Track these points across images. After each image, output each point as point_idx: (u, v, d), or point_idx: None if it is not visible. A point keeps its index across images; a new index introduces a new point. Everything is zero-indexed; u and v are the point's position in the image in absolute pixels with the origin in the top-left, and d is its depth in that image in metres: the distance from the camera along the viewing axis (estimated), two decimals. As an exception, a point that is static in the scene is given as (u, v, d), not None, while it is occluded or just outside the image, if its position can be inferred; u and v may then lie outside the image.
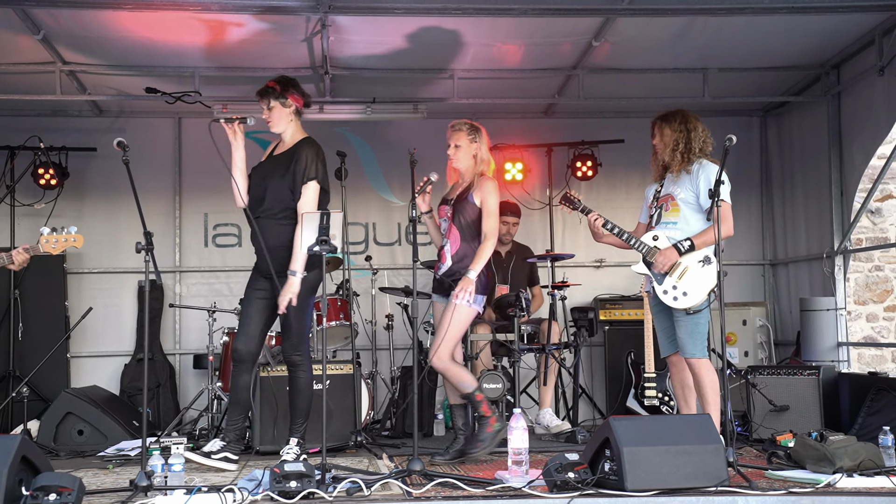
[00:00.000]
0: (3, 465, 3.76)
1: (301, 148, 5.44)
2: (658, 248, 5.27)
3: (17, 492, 3.80)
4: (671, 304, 5.21)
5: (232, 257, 8.23)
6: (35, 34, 6.00)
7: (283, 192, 5.38)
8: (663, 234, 5.30)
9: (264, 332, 5.55)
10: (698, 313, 5.17)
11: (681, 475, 4.18)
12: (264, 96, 5.46)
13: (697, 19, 6.11)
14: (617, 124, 8.19)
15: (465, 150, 5.52)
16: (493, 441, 5.37)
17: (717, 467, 4.23)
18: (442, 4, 5.81)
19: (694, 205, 5.25)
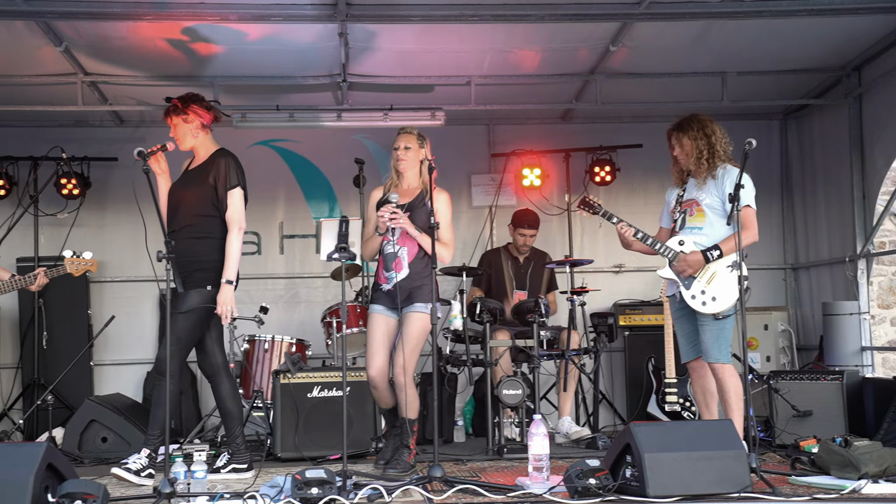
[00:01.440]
0: (29, 473, 3.80)
1: (217, 159, 5.41)
2: (684, 252, 5.26)
3: (43, 499, 3.84)
4: (699, 308, 5.19)
5: (252, 265, 8.26)
6: (57, 45, 6.07)
7: (199, 205, 5.31)
8: (689, 238, 5.28)
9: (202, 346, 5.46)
10: (725, 318, 5.15)
11: (703, 481, 4.16)
12: (167, 115, 5.44)
13: (715, 23, 6.09)
14: (635, 129, 8.17)
15: (413, 153, 5.46)
16: (409, 472, 5.24)
17: (740, 473, 4.22)
18: (459, 11, 5.82)
19: (720, 210, 5.24)
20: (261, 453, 6.30)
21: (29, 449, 4.02)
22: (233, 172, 5.37)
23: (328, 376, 6.16)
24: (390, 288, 5.30)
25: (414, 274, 5.33)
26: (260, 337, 6.99)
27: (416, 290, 5.31)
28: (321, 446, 5.96)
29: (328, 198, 8.32)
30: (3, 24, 5.79)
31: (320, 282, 8.14)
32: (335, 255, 4.96)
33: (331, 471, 4.33)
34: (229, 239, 5.30)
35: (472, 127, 8.32)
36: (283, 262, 8.33)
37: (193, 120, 5.39)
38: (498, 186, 8.29)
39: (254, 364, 6.97)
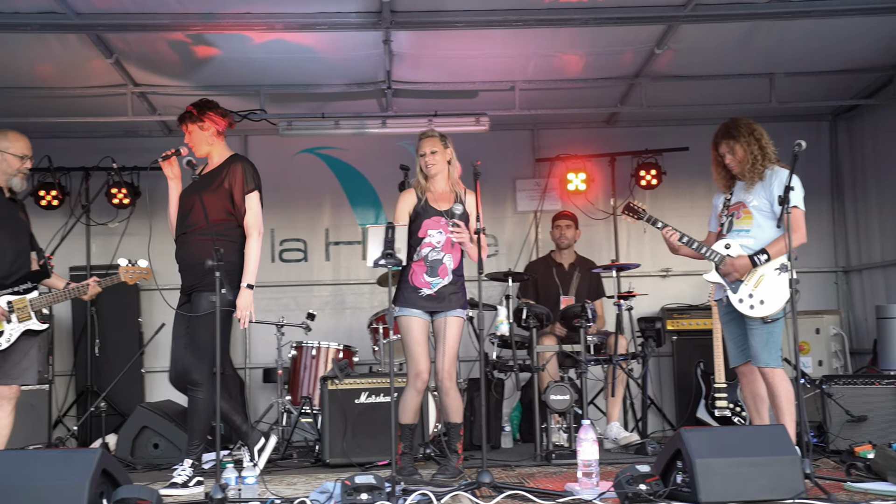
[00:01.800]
0: (84, 478, 3.87)
1: (232, 163, 5.41)
2: (731, 255, 5.19)
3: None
4: (747, 312, 5.11)
5: (298, 272, 8.35)
6: (108, 57, 6.18)
7: (215, 207, 5.29)
8: (735, 242, 5.21)
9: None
10: (774, 322, 5.08)
11: (756, 487, 4.11)
12: (182, 121, 5.45)
13: (763, 23, 6.02)
14: (681, 132, 8.10)
15: (440, 156, 5.42)
16: (457, 477, 5.21)
17: (794, 479, 4.15)
18: (503, 17, 5.82)
19: (768, 212, 5.17)
20: (310, 459, 6.37)
21: (84, 455, 4.09)
22: (249, 176, 5.40)
23: (375, 382, 6.19)
24: (432, 293, 5.30)
25: (455, 280, 5.36)
26: (307, 343, 7.05)
27: (453, 296, 5.33)
28: (369, 452, 5.99)
29: (373, 204, 8.37)
30: (57, 38, 5.91)
31: (366, 288, 8.19)
32: (382, 262, 4.97)
33: (380, 476, 4.34)
34: (249, 244, 5.31)
35: (516, 132, 8.32)
36: (330, 269, 8.39)
37: (209, 127, 5.41)
38: (543, 191, 8.28)
39: (301, 370, 7.03)
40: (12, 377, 5.07)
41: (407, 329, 5.29)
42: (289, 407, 6.91)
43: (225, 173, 5.37)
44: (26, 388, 6.47)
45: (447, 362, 5.28)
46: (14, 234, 5.13)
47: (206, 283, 5.15)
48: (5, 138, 5.11)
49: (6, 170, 5.08)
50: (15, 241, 5.12)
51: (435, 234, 5.32)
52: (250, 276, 5.28)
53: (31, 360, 5.14)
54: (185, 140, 5.42)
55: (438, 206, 5.36)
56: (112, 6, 5.49)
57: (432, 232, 5.32)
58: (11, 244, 5.09)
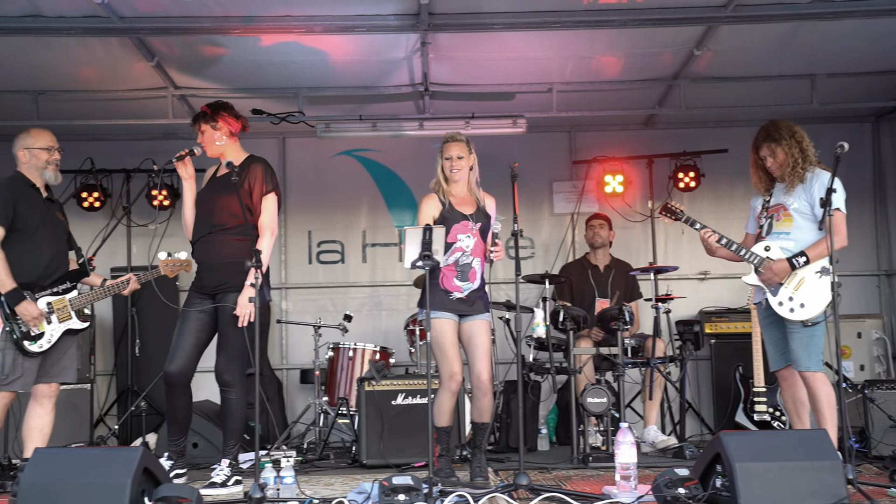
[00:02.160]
0: (126, 476, 3.91)
1: (251, 164, 5.43)
2: (770, 258, 5.13)
3: (139, 502, 3.95)
4: (787, 315, 5.06)
5: (335, 274, 8.40)
6: (149, 61, 6.26)
7: (236, 209, 5.30)
8: (775, 244, 5.16)
9: (200, 352, 5.43)
10: (815, 325, 5.01)
11: (797, 492, 4.05)
12: (196, 121, 5.47)
13: (804, 24, 5.95)
14: (720, 134, 8.05)
15: (465, 161, 5.41)
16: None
17: (836, 484, 4.09)
18: (541, 19, 5.80)
19: (808, 214, 5.11)
20: (346, 459, 6.39)
21: (126, 453, 4.13)
22: (268, 177, 5.42)
23: (412, 384, 6.20)
24: (463, 297, 5.31)
25: (482, 284, 5.40)
26: (344, 345, 7.08)
27: (479, 300, 5.37)
28: (406, 453, 5.99)
29: (410, 206, 8.38)
30: (100, 41, 6.00)
31: (403, 290, 8.21)
32: (419, 263, 4.98)
33: (417, 477, 4.35)
34: (262, 243, 5.31)
35: (553, 134, 8.31)
36: (366, 271, 8.42)
37: (222, 127, 5.43)
38: (580, 193, 8.25)
39: (338, 371, 7.06)
40: (52, 375, 5.15)
41: (441, 332, 5.28)
42: (326, 408, 6.94)
43: (245, 174, 5.39)
44: (68, 387, 6.59)
45: (486, 363, 5.30)
46: (53, 235, 5.21)
47: (236, 284, 5.23)
48: (28, 136, 5.21)
49: (37, 164, 5.18)
50: (53, 242, 5.20)
51: (464, 238, 5.34)
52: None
53: (71, 358, 5.22)
54: (199, 140, 5.44)
55: (464, 210, 5.38)
56: (154, 10, 5.55)
57: (461, 236, 5.33)
58: (50, 245, 5.17)
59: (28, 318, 4.97)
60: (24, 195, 5.11)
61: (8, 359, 4.94)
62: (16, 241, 5.04)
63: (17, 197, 5.06)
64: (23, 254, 5.05)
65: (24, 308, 4.96)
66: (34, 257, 5.09)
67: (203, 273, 5.38)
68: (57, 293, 5.13)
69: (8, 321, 4.94)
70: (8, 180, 5.15)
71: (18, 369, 4.96)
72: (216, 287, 5.31)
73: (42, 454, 4.19)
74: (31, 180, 5.19)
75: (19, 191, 5.11)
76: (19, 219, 5.03)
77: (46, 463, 4.09)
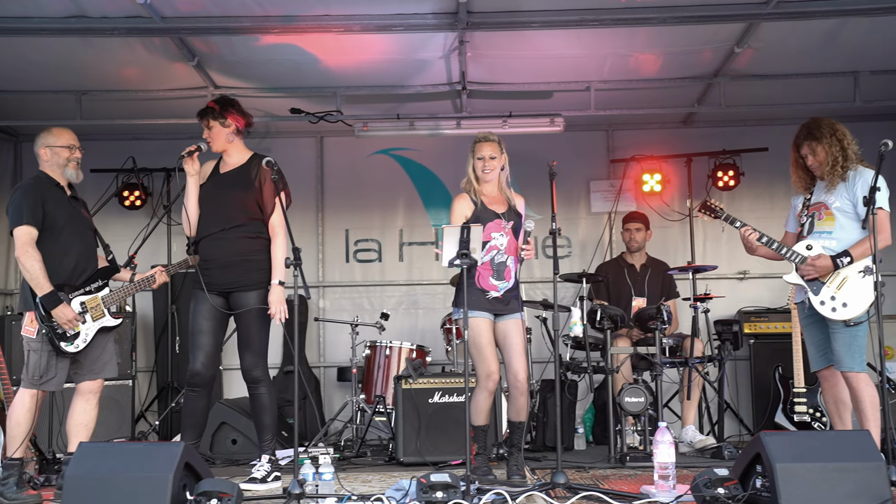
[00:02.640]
0: (169, 471, 3.96)
1: (260, 163, 5.42)
2: (812, 257, 5.08)
3: (181, 496, 3.99)
4: (829, 315, 5.00)
5: (372, 272, 8.44)
6: (190, 61, 6.33)
7: (250, 205, 5.37)
8: (817, 243, 5.11)
9: (220, 351, 5.50)
10: (857, 325, 4.95)
11: (839, 494, 3.99)
12: (204, 116, 5.46)
13: (849, 20, 5.86)
14: (760, 132, 7.97)
15: (497, 161, 5.44)
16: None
17: (880, 486, 4.03)
18: (579, 17, 5.78)
19: (851, 213, 5.05)
20: (383, 457, 6.42)
21: (169, 448, 4.17)
22: (278, 178, 5.42)
23: (449, 382, 6.22)
24: (499, 296, 5.31)
25: (517, 283, 5.41)
26: (381, 343, 7.11)
27: (514, 300, 5.38)
28: (443, 451, 6.00)
29: (447, 205, 8.24)
30: (142, 42, 6.07)
31: (440, 288, 8.22)
32: (457, 262, 4.99)
33: (455, 475, 4.36)
34: (277, 242, 5.35)
35: (590, 133, 8.28)
36: (403, 269, 8.44)
37: (230, 124, 5.45)
38: (617, 192, 8.21)
39: (375, 370, 7.09)
40: (95, 372, 5.20)
41: (478, 331, 5.30)
42: (363, 405, 6.98)
43: (253, 172, 5.42)
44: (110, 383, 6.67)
45: (523, 363, 5.32)
46: (80, 234, 5.21)
47: (252, 282, 5.30)
48: (50, 134, 5.20)
49: (59, 162, 5.17)
50: (82, 240, 5.20)
51: (498, 236, 5.35)
52: (282, 273, 5.31)
53: (110, 353, 5.27)
54: (205, 135, 5.45)
55: (496, 209, 5.39)
56: (195, 10, 5.61)
57: (495, 234, 5.34)
58: (79, 243, 5.17)
59: (64, 322, 4.96)
60: (50, 194, 5.10)
61: (43, 360, 4.95)
62: (45, 242, 5.02)
63: (44, 196, 5.05)
64: (53, 254, 5.04)
65: (61, 312, 4.95)
66: (64, 257, 5.08)
67: (214, 270, 5.37)
68: (89, 291, 5.14)
69: (43, 323, 4.94)
70: (32, 181, 5.14)
71: (53, 370, 4.98)
72: (229, 285, 5.35)
73: (86, 448, 4.26)
74: (54, 179, 5.17)
75: (45, 190, 5.09)
76: (48, 218, 5.03)
77: (91, 457, 4.15)
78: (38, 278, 4.93)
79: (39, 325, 4.94)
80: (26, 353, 5.02)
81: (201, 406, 5.44)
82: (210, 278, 5.36)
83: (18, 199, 5.02)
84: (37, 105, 7.17)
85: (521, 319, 5.39)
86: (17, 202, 5.01)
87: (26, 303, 5.01)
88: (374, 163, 8.42)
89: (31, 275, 4.94)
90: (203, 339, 5.36)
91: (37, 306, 4.94)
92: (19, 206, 5.00)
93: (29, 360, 4.98)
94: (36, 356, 4.96)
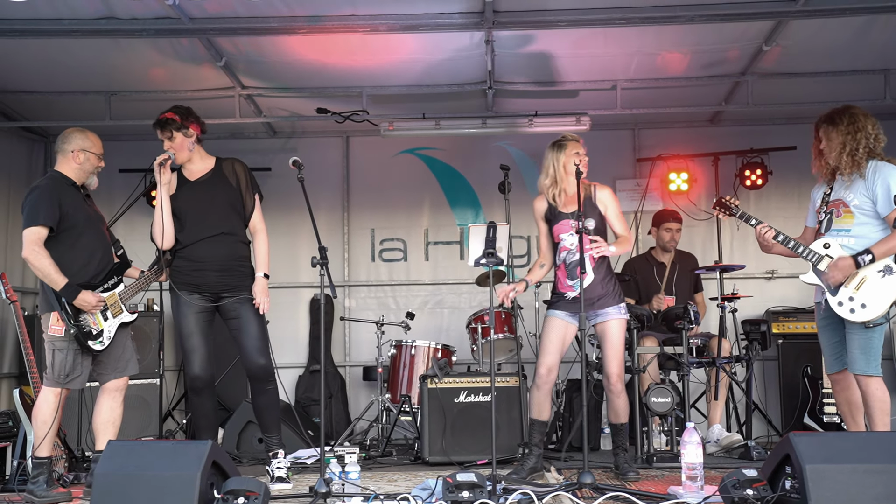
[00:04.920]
0: (196, 469, 3.99)
1: (233, 165, 5.55)
2: (830, 256, 4.96)
3: (209, 494, 4.03)
4: (847, 316, 4.86)
5: (398, 272, 8.45)
6: (217, 61, 6.36)
7: (235, 210, 5.49)
8: (835, 241, 4.97)
9: (213, 350, 5.57)
10: (875, 327, 4.82)
11: (870, 495, 3.94)
12: (165, 128, 5.45)
13: (879, 18, 5.80)
14: (788, 130, 7.90)
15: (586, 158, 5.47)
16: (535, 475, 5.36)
17: (911, 488, 3.99)
18: (606, 16, 5.76)
19: (870, 211, 4.90)
20: (409, 456, 6.42)
21: (196, 447, 4.19)
22: (253, 178, 5.58)
23: (475, 381, 6.21)
24: (577, 295, 5.27)
25: (598, 280, 5.34)
26: (406, 342, 7.12)
27: (603, 298, 5.34)
28: (468, 451, 6.01)
29: (472, 204, 8.40)
30: (170, 42, 6.11)
31: (465, 288, 8.23)
32: (483, 261, 4.98)
33: (481, 475, 4.36)
34: (260, 238, 5.53)
35: (617, 132, 8.25)
36: (429, 269, 8.45)
37: (192, 133, 5.50)
38: (644, 191, 8.17)
39: (400, 369, 7.10)
40: (120, 370, 5.23)
41: (546, 330, 5.44)
42: (388, 405, 6.99)
43: (230, 175, 5.52)
44: (138, 381, 6.75)
45: (615, 366, 5.32)
46: (98, 232, 5.22)
47: (247, 285, 5.45)
48: (87, 138, 5.21)
49: (88, 168, 5.19)
50: (100, 239, 5.21)
51: (566, 237, 5.40)
52: (266, 266, 5.50)
53: (130, 351, 5.31)
54: (166, 146, 5.45)
55: (567, 210, 5.42)
56: (223, 11, 5.63)
57: (563, 236, 5.40)
58: (98, 242, 5.18)
59: (88, 308, 4.99)
60: (68, 194, 5.08)
61: (70, 358, 4.98)
62: (65, 241, 5.02)
63: (62, 197, 5.02)
64: (76, 253, 5.05)
65: (83, 299, 4.97)
66: (86, 256, 5.09)
67: (208, 273, 5.42)
68: (107, 289, 5.17)
69: (70, 321, 4.95)
70: (49, 181, 5.10)
71: (78, 368, 5.02)
72: (223, 288, 5.43)
73: (115, 447, 4.29)
74: (70, 178, 5.14)
75: (63, 190, 5.07)
76: (68, 219, 5.02)
77: (119, 455, 4.19)
78: (51, 274, 4.93)
79: (67, 325, 4.97)
80: (50, 352, 5.03)
81: (210, 407, 5.57)
82: (202, 280, 5.42)
83: (35, 200, 4.99)
84: (66, 106, 7.24)
85: (617, 318, 5.35)
86: (34, 202, 4.98)
87: (49, 303, 5.02)
88: (400, 162, 8.44)
89: (43, 272, 4.95)
90: (195, 342, 5.44)
91: (63, 307, 4.96)
92: (35, 206, 4.97)
93: (54, 358, 5.00)
94: (61, 355, 4.99)
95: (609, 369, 5.33)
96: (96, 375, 5.21)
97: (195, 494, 3.94)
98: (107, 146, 5.41)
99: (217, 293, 5.43)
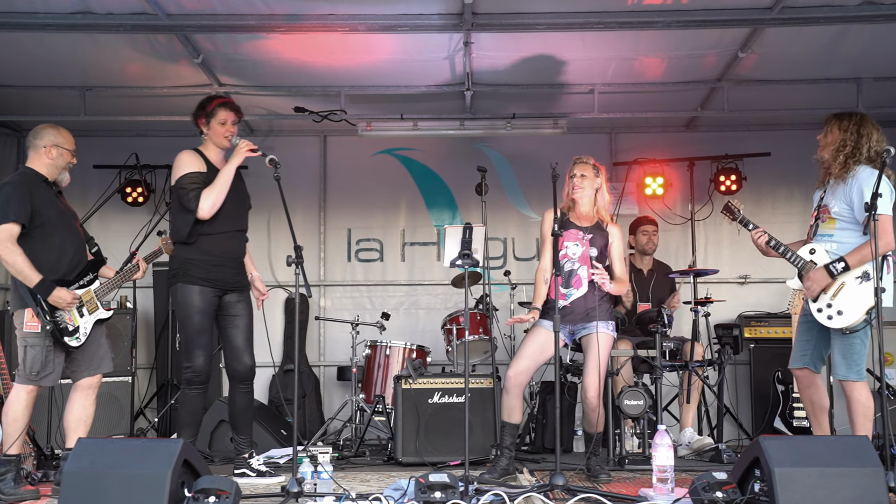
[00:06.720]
0: (167, 468, 3.96)
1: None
2: (815, 262, 5.02)
3: (179, 493, 4.00)
4: (826, 323, 4.92)
5: (374, 272, 8.44)
6: (195, 58, 6.33)
7: (246, 207, 5.69)
8: (821, 247, 5.04)
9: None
10: (854, 333, 4.88)
11: (837, 499, 3.99)
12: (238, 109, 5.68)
13: (852, 27, 5.87)
14: (763, 137, 7.98)
15: (589, 181, 5.51)
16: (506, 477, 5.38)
17: (877, 492, 4.03)
18: (584, 19, 5.78)
19: (848, 217, 4.95)
20: (382, 457, 6.42)
21: (167, 445, 4.17)
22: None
23: (449, 382, 6.22)
24: (567, 305, 5.34)
25: (591, 293, 5.38)
26: (381, 342, 7.12)
27: (593, 311, 5.36)
28: (442, 451, 6.02)
29: (449, 206, 8.41)
30: (146, 38, 6.07)
31: (441, 289, 8.23)
32: (458, 262, 4.99)
33: (454, 475, 4.37)
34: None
35: (594, 135, 8.29)
36: (405, 270, 8.45)
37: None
38: (620, 195, 8.21)
39: (375, 369, 7.10)
40: (93, 368, 5.18)
41: (528, 334, 5.48)
42: (362, 405, 6.98)
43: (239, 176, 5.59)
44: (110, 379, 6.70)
45: (594, 378, 5.32)
46: (71, 229, 5.17)
47: (247, 284, 5.57)
48: (59, 134, 5.16)
49: (60, 164, 5.14)
50: (73, 235, 5.16)
51: (571, 245, 5.43)
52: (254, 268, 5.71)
53: (105, 348, 5.27)
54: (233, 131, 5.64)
55: (579, 223, 5.47)
56: (201, 7, 5.60)
57: (568, 244, 5.43)
58: (71, 238, 5.13)
59: (63, 305, 4.95)
60: (40, 190, 5.02)
61: (42, 355, 4.92)
62: (38, 238, 4.97)
63: (33, 193, 4.96)
64: (48, 250, 5.00)
65: (58, 295, 4.92)
66: (59, 252, 5.04)
67: (226, 268, 5.43)
68: (82, 285, 5.13)
69: (45, 318, 4.90)
70: (20, 177, 5.04)
71: (50, 365, 4.96)
72: (234, 284, 5.46)
73: (85, 444, 4.25)
74: (41, 174, 5.09)
75: (35, 186, 5.01)
76: (40, 215, 4.96)
77: (89, 453, 4.14)
78: (24, 270, 4.87)
79: (43, 321, 4.92)
80: (23, 348, 4.97)
81: (201, 404, 5.53)
82: (219, 275, 5.38)
83: (6, 196, 4.92)
84: (41, 100, 7.16)
85: (605, 333, 5.37)
86: (5, 199, 4.91)
87: (22, 300, 4.96)
88: (377, 163, 8.43)
89: (16, 269, 4.89)
90: (206, 339, 5.39)
91: (38, 303, 4.91)
92: (7, 202, 4.90)
93: (26, 355, 4.95)
94: (33, 351, 4.93)
95: (587, 380, 5.32)
96: (69, 373, 5.16)
97: (165, 493, 3.91)
98: (81, 142, 5.37)
99: (225, 289, 5.42)
